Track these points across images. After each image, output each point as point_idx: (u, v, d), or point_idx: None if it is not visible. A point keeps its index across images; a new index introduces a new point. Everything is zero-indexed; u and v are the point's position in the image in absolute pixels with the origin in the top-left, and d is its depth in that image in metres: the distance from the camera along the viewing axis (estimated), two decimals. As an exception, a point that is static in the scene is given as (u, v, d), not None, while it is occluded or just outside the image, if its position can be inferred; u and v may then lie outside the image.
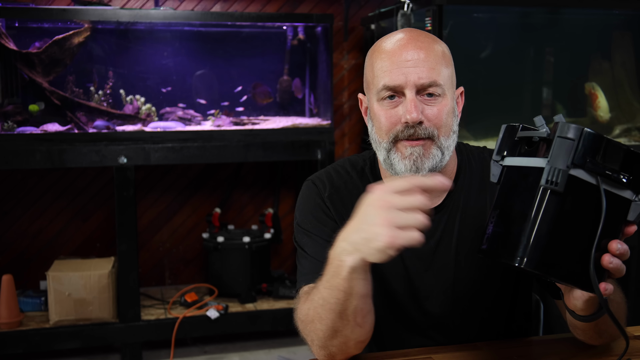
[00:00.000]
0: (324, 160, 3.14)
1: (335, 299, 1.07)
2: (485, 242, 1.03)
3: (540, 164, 0.97)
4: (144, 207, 3.51)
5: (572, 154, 0.94)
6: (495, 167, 1.06)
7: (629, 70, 3.48)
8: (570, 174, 0.94)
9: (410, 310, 1.32)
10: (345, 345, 1.13)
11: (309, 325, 1.14)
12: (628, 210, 0.98)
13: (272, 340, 3.31)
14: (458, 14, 3.11)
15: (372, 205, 0.97)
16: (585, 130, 0.94)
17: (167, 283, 3.60)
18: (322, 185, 1.34)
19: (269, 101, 3.38)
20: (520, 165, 1.01)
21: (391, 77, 1.20)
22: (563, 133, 0.95)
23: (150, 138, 3.01)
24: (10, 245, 3.39)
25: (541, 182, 0.95)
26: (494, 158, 1.06)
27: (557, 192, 0.94)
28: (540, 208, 0.95)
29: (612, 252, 0.98)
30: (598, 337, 1.18)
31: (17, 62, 2.99)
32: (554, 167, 0.94)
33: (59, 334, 2.93)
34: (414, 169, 1.21)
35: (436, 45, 1.24)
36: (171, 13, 3.07)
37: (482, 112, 3.32)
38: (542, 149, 0.98)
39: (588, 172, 0.95)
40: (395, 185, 0.97)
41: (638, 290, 3.13)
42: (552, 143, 0.95)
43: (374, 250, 0.97)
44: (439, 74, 1.21)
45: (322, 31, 3.33)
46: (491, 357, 1.22)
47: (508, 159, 1.05)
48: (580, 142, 0.94)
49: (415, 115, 1.18)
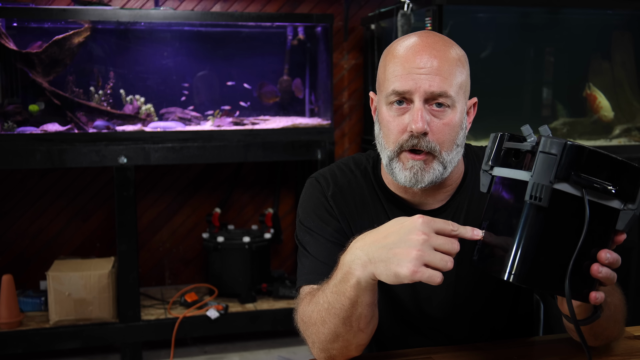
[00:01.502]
0: (324, 160, 3.14)
1: (340, 305, 1.07)
2: (476, 252, 1.04)
3: (525, 177, 0.97)
4: (144, 207, 3.51)
5: (554, 169, 0.93)
6: (485, 177, 1.06)
7: (629, 70, 3.48)
8: (555, 188, 0.94)
9: (411, 310, 1.32)
10: (347, 349, 1.13)
11: (312, 327, 1.14)
12: (617, 220, 0.98)
13: (272, 340, 3.31)
14: (458, 14, 3.11)
15: (411, 232, 0.98)
16: (567, 144, 0.93)
17: (167, 283, 3.60)
18: (326, 183, 1.33)
19: (275, 100, 3.38)
20: (507, 176, 1.01)
21: (401, 82, 1.18)
22: (546, 148, 0.94)
23: (150, 138, 3.01)
24: (10, 245, 3.39)
25: (525, 198, 0.95)
26: (483, 167, 1.06)
27: (541, 207, 0.94)
28: (526, 223, 0.96)
29: (601, 262, 0.97)
30: (594, 339, 1.18)
31: (17, 62, 2.99)
32: (537, 182, 0.94)
33: (59, 334, 2.93)
34: (414, 181, 1.20)
35: (452, 50, 1.21)
36: (171, 13, 3.07)
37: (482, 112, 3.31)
38: (528, 161, 0.98)
39: (573, 185, 0.94)
40: (439, 225, 0.99)
41: (638, 291, 3.13)
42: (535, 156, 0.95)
43: (391, 274, 0.98)
44: (450, 84, 1.18)
45: (322, 31, 3.33)
46: (491, 357, 1.22)
47: (497, 169, 1.04)
48: (563, 156, 0.93)
49: (420, 125, 1.16)
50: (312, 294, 1.18)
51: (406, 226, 0.99)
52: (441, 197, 1.30)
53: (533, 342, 1.34)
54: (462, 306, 1.31)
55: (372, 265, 1.00)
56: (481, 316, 1.32)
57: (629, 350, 1.23)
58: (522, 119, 3.51)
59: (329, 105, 3.30)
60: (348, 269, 1.04)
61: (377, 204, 1.31)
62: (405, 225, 0.99)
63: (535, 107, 3.54)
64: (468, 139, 3.30)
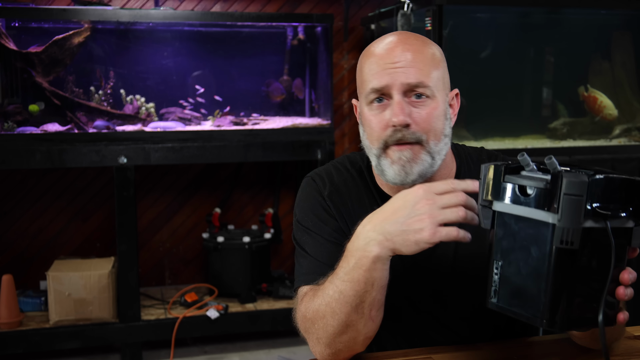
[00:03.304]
0: (324, 160, 3.14)
1: (354, 292, 1.08)
2: (493, 295, 1.01)
3: (547, 218, 0.93)
4: (144, 207, 3.51)
5: (583, 210, 0.90)
6: (485, 212, 1.02)
7: (629, 70, 3.48)
8: (583, 227, 0.92)
9: (411, 309, 1.32)
10: (354, 340, 1.13)
11: (319, 321, 1.13)
12: (630, 237, 0.96)
13: (272, 340, 3.31)
14: (458, 14, 3.11)
15: (416, 203, 1.03)
16: (589, 181, 0.90)
17: (167, 283, 3.60)
18: (322, 182, 1.33)
19: (282, 97, 3.38)
20: (524, 215, 0.97)
21: (378, 79, 1.18)
22: (570, 191, 0.90)
23: (150, 138, 3.01)
24: (10, 245, 3.39)
25: (555, 244, 0.92)
26: (480, 203, 1.03)
27: (573, 250, 0.92)
28: (557, 268, 0.93)
29: (624, 284, 0.97)
30: (596, 342, 1.18)
31: (17, 62, 2.99)
32: (566, 227, 0.91)
33: (59, 334, 2.93)
34: (403, 174, 1.19)
35: (426, 47, 1.22)
36: (171, 13, 3.07)
37: (482, 112, 3.33)
38: (541, 198, 0.94)
39: (595, 219, 0.92)
40: (439, 187, 1.05)
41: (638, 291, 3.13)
42: (555, 197, 0.91)
43: (412, 243, 1.03)
44: (427, 75, 1.18)
45: (322, 31, 3.33)
46: (491, 357, 1.22)
47: (499, 205, 1.00)
48: (588, 195, 0.91)
49: (402, 118, 1.16)
50: (315, 290, 1.17)
51: (410, 199, 1.05)
52: None
53: (533, 342, 1.34)
54: (461, 307, 1.30)
55: (389, 242, 1.05)
56: (480, 316, 1.32)
57: (629, 350, 1.23)
58: (522, 119, 3.51)
59: (329, 105, 3.30)
60: (362, 252, 1.07)
61: (373, 203, 1.31)
62: (408, 198, 1.05)
63: (535, 107, 3.53)
64: (468, 139, 3.30)
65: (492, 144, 3.19)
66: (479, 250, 1.13)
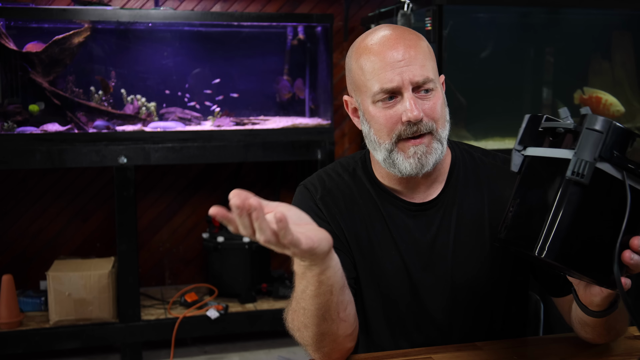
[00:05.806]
0: (324, 160, 3.14)
1: (315, 305, 1.08)
2: (503, 230, 1.02)
3: (566, 155, 0.95)
4: (144, 207, 3.51)
5: (599, 146, 0.93)
6: (517, 157, 1.05)
7: (629, 70, 3.48)
8: (597, 167, 0.93)
9: (410, 308, 1.32)
10: (336, 342, 1.15)
11: (297, 333, 1.17)
12: None
13: (272, 340, 3.30)
14: (458, 14, 3.11)
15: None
16: (613, 123, 0.93)
17: (167, 283, 3.60)
18: (314, 188, 1.36)
19: (289, 95, 3.38)
20: (544, 155, 1.00)
21: (387, 79, 1.21)
22: (591, 125, 0.94)
23: (150, 138, 3.01)
24: (10, 245, 3.39)
25: (567, 174, 0.93)
26: (515, 147, 1.06)
27: (582, 184, 0.93)
28: (563, 199, 0.94)
29: (633, 249, 0.96)
30: (606, 333, 1.18)
31: (17, 62, 2.99)
32: (580, 158, 0.93)
33: (59, 334, 2.93)
34: (419, 166, 1.23)
35: (420, 40, 1.26)
36: (171, 13, 3.07)
37: (482, 112, 3.33)
38: (568, 141, 0.97)
39: (614, 166, 0.93)
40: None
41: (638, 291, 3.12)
42: (578, 135, 0.94)
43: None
44: (429, 69, 1.23)
45: (322, 31, 3.33)
46: (491, 357, 1.22)
47: (530, 149, 1.03)
48: (608, 135, 0.93)
49: (417, 114, 1.20)
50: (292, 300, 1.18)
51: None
52: (433, 189, 1.32)
53: (533, 342, 1.35)
54: (460, 302, 1.30)
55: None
56: (479, 312, 1.32)
57: (629, 350, 1.23)
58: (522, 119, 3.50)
59: (329, 105, 3.30)
60: (303, 269, 1.05)
61: (368, 201, 1.33)
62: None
63: (535, 107, 3.53)
64: (468, 139, 3.30)
65: (492, 144, 3.19)
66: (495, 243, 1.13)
